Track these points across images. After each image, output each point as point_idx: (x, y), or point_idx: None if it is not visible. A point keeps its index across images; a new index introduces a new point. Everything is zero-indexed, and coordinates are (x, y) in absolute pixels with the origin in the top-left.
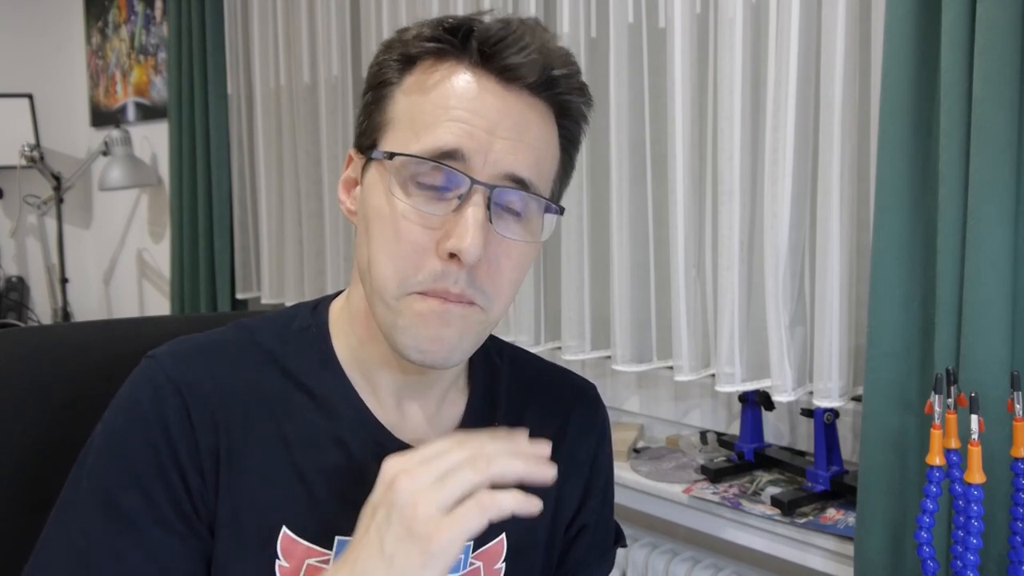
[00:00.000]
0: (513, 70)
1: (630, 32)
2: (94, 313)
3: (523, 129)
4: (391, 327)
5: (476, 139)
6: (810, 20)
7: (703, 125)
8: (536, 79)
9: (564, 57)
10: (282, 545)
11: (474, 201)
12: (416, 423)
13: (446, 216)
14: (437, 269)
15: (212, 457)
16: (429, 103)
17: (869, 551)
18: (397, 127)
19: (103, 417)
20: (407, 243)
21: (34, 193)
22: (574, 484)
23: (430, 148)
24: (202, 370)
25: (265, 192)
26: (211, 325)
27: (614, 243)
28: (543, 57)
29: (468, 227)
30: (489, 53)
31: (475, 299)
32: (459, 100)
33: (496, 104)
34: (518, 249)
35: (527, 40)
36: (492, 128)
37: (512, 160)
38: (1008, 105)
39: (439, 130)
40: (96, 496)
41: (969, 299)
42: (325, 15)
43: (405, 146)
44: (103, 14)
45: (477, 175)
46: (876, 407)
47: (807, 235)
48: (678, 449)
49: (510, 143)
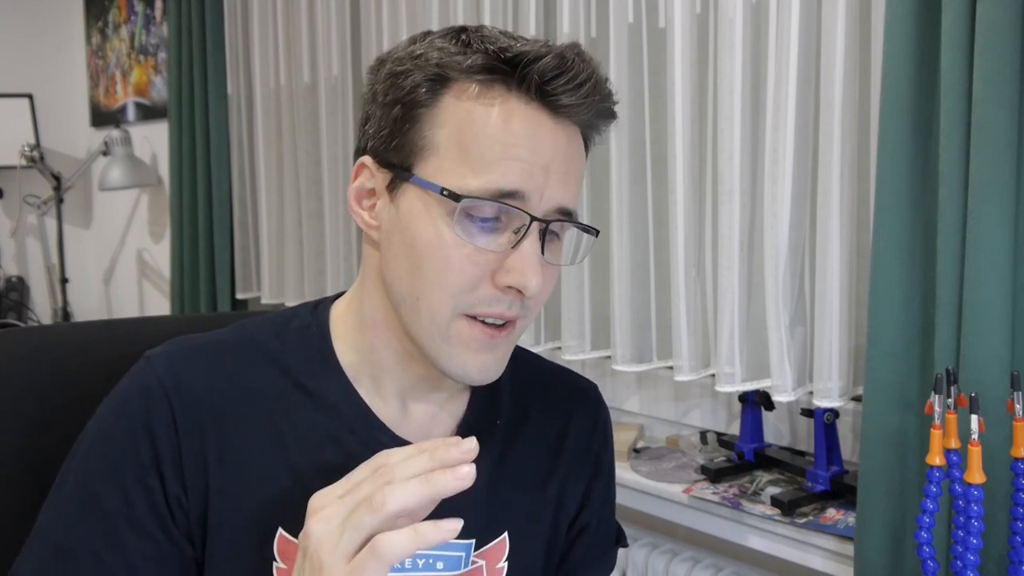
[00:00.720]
0: (567, 108)
1: (630, 32)
2: (94, 313)
3: (570, 162)
4: (438, 350)
5: (534, 178)
6: (810, 20)
7: (703, 125)
8: (588, 117)
9: (608, 88)
10: (279, 547)
11: (532, 237)
12: (418, 421)
13: (503, 251)
14: (491, 295)
15: (198, 463)
16: (485, 137)
17: (869, 551)
18: (444, 156)
19: (96, 412)
20: (462, 275)
21: (34, 193)
22: (576, 484)
23: (492, 188)
24: (196, 372)
25: (265, 192)
26: (211, 325)
27: (614, 243)
28: (598, 95)
29: (530, 264)
30: (546, 89)
31: (524, 317)
32: (517, 137)
33: (551, 141)
34: (555, 271)
35: (583, 77)
36: (547, 165)
37: (563, 195)
38: (1008, 105)
39: (500, 168)
40: (80, 492)
41: (969, 299)
42: (325, 15)
43: (461, 181)
44: (103, 14)
45: (535, 212)
46: (876, 407)
47: (807, 235)
48: (678, 449)
49: (561, 177)
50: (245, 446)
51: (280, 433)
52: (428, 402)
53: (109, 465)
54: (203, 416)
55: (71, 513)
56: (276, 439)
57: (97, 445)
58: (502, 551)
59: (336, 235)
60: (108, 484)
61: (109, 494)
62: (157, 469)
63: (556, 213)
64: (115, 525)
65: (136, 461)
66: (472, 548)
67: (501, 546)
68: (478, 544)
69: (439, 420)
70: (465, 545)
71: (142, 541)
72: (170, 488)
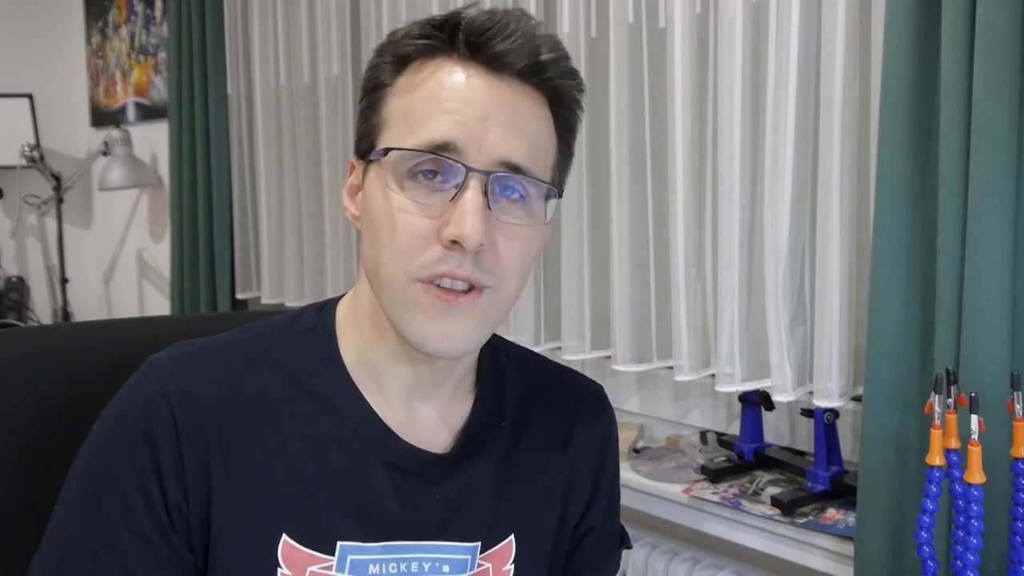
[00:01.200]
0: (501, 58)
1: (630, 32)
2: (94, 313)
3: (515, 116)
4: (398, 319)
5: (469, 129)
6: (810, 20)
7: (703, 125)
8: (524, 65)
9: (551, 43)
10: (283, 553)
11: (471, 187)
12: (425, 423)
13: (444, 205)
14: (439, 253)
15: (201, 470)
16: (420, 98)
17: (869, 551)
18: (391, 126)
19: (100, 415)
20: (408, 234)
21: (34, 193)
22: (582, 485)
23: (424, 141)
24: (199, 377)
25: (265, 192)
26: (211, 325)
27: (614, 243)
28: (530, 44)
29: (467, 212)
30: (476, 44)
31: (483, 281)
32: (450, 92)
33: (487, 93)
34: (522, 233)
35: (513, 28)
36: (484, 117)
37: (506, 147)
38: (1008, 105)
39: (432, 122)
40: (82, 496)
41: (969, 299)
42: (325, 15)
43: (400, 142)
44: (103, 14)
45: (472, 164)
46: (876, 407)
47: (807, 235)
48: (678, 449)
49: (503, 130)
50: (248, 451)
51: (284, 437)
52: (432, 403)
53: (110, 470)
54: (206, 421)
55: (74, 516)
56: (280, 443)
57: (99, 449)
58: (508, 553)
59: (336, 235)
60: (108, 489)
61: (109, 499)
62: (157, 476)
63: (501, 167)
64: (115, 529)
65: (136, 467)
66: (478, 550)
67: (507, 548)
68: (484, 546)
69: (444, 422)
70: (471, 548)
71: (141, 546)
72: (170, 495)
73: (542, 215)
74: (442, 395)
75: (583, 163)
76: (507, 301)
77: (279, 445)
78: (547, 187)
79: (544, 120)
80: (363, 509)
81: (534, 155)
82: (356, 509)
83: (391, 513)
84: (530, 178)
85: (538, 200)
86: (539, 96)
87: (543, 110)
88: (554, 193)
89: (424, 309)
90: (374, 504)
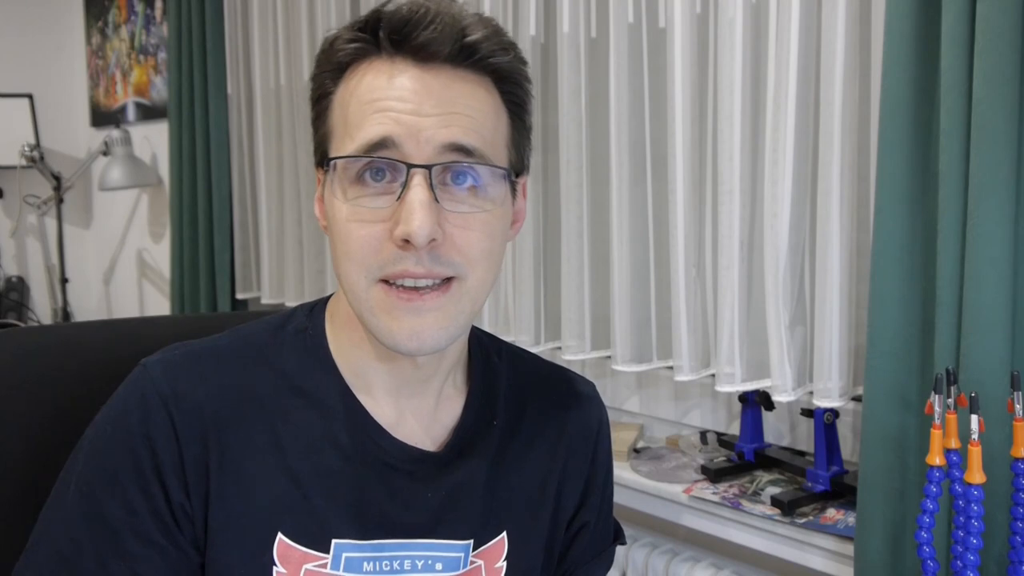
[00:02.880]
0: (426, 48)
1: (630, 32)
2: (94, 313)
3: (451, 102)
4: (368, 323)
5: (402, 124)
6: (810, 20)
7: (703, 125)
8: (451, 50)
9: (479, 22)
10: (278, 551)
11: (415, 183)
12: (415, 421)
13: (393, 206)
14: (394, 254)
15: (200, 469)
16: (355, 103)
17: (869, 551)
18: (335, 135)
19: (94, 420)
20: (361, 239)
21: (34, 193)
22: (574, 482)
23: (362, 144)
24: (194, 379)
25: (265, 192)
26: (211, 325)
27: (614, 243)
28: (454, 27)
29: (413, 209)
30: (399, 38)
31: (445, 272)
32: (380, 91)
33: (414, 86)
34: (477, 219)
35: (433, 15)
36: (417, 109)
37: (446, 133)
38: (1008, 105)
39: (366, 124)
40: (83, 502)
41: (969, 299)
42: (325, 15)
43: (342, 150)
44: (103, 14)
45: (413, 158)
46: (876, 407)
47: (807, 235)
48: (678, 449)
49: (439, 118)
50: (243, 451)
51: (278, 437)
52: (421, 401)
53: (110, 475)
54: (203, 422)
55: (74, 522)
56: (274, 443)
57: (97, 454)
58: (500, 551)
59: None
60: (110, 494)
61: (112, 504)
62: (159, 478)
63: (445, 153)
64: (119, 534)
65: (137, 471)
66: (471, 548)
67: (499, 546)
68: (476, 544)
69: (435, 420)
70: (464, 546)
71: (147, 549)
72: (174, 496)
73: (502, 197)
74: (430, 392)
75: (583, 163)
76: (479, 289)
77: (273, 445)
78: (502, 170)
79: (487, 100)
80: (357, 507)
81: (480, 136)
82: (350, 507)
83: (384, 511)
84: (477, 163)
85: (496, 183)
86: (478, 77)
87: (484, 90)
88: (510, 173)
89: (387, 311)
90: (368, 502)
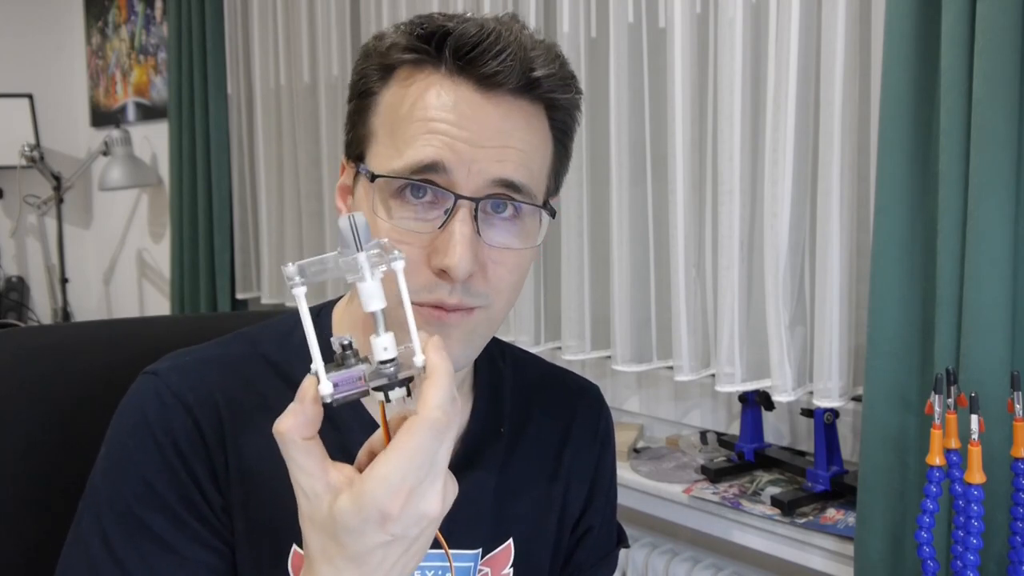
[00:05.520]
0: (492, 77)
1: (630, 32)
2: (94, 313)
3: (507, 135)
4: None
5: (457, 152)
6: (810, 20)
7: (703, 125)
8: (516, 84)
9: (545, 54)
10: (293, 564)
11: (460, 217)
12: None
13: (434, 232)
14: (430, 281)
15: (225, 476)
16: (407, 116)
17: (869, 551)
18: (379, 140)
19: (107, 438)
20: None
21: (34, 193)
22: (579, 485)
23: (411, 164)
24: (209, 385)
25: (265, 192)
26: (211, 325)
27: (614, 243)
28: (522, 60)
29: (455, 244)
30: (466, 60)
31: (474, 303)
32: (437, 111)
33: (475, 114)
34: (512, 256)
35: (503, 44)
36: (473, 139)
37: (498, 168)
38: (1008, 105)
39: (419, 143)
40: (125, 524)
41: (969, 299)
42: (325, 15)
43: (387, 163)
44: (103, 14)
45: (461, 188)
46: (876, 407)
47: (807, 235)
48: (678, 449)
49: (494, 151)
50: (258, 461)
51: None
52: None
53: (145, 488)
54: (223, 429)
55: (123, 549)
56: None
57: (124, 470)
58: (507, 557)
59: (336, 235)
60: (151, 507)
61: (158, 520)
62: (196, 483)
63: (493, 187)
64: (175, 547)
65: (174, 479)
66: (480, 557)
67: (507, 552)
68: (484, 552)
69: None
70: (472, 555)
71: (205, 552)
72: (212, 499)
73: (535, 231)
74: None
75: (583, 163)
76: (499, 316)
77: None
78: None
79: (539, 131)
80: None
81: (528, 170)
82: None
83: None
84: (520, 202)
85: (532, 216)
86: (534, 106)
87: (538, 120)
88: (548, 212)
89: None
90: None
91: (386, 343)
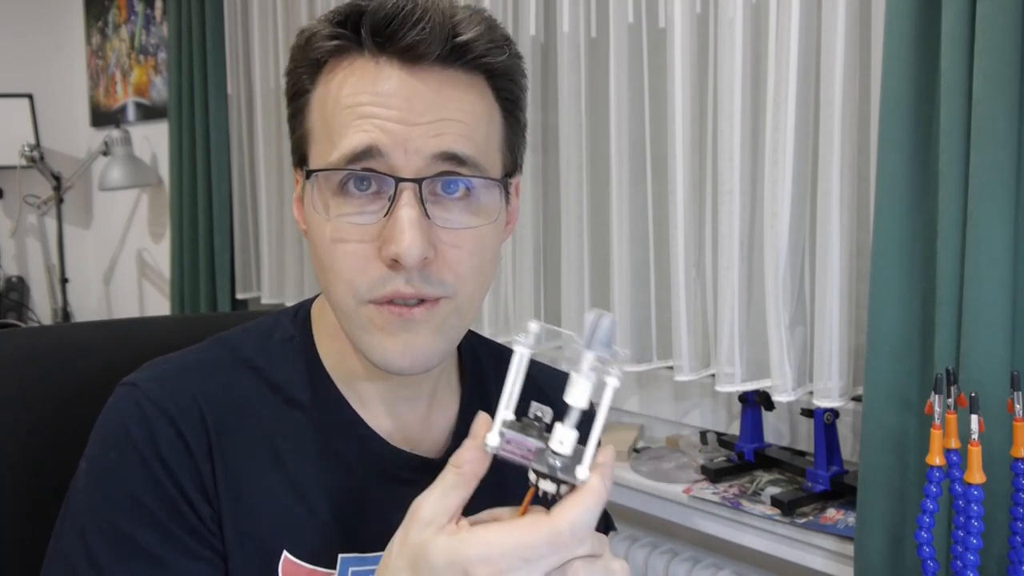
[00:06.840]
0: (414, 48)
1: (630, 32)
2: (94, 313)
3: (441, 107)
4: (358, 341)
5: (390, 132)
6: (810, 20)
7: (703, 125)
8: (441, 50)
9: (472, 18)
10: (284, 570)
11: (404, 200)
12: (411, 428)
13: (380, 221)
14: (383, 274)
15: (212, 485)
16: (337, 106)
17: (869, 551)
18: (315, 138)
19: (88, 454)
20: (347, 258)
21: (34, 193)
22: None
23: (346, 154)
24: (193, 392)
25: (265, 192)
26: (211, 325)
27: (614, 243)
28: (442, 26)
29: (402, 228)
30: (384, 36)
31: (435, 293)
32: (363, 96)
33: (402, 90)
34: (470, 236)
35: (421, 11)
36: (405, 117)
37: (436, 142)
38: (1008, 105)
39: (350, 131)
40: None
41: (969, 299)
42: None
43: (324, 158)
44: (103, 14)
45: (402, 171)
46: (876, 407)
47: (807, 235)
48: (678, 449)
49: (429, 126)
50: (245, 468)
51: (277, 452)
52: (415, 408)
53: (132, 503)
54: (208, 438)
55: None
56: (274, 459)
57: (107, 486)
58: None
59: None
60: (139, 522)
61: (145, 532)
62: (184, 495)
63: (436, 162)
64: (161, 560)
65: (160, 493)
66: None
67: None
68: None
69: (432, 426)
70: None
71: (198, 564)
72: (202, 509)
73: (495, 205)
74: (422, 399)
75: (583, 163)
76: (469, 305)
77: (273, 461)
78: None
79: (480, 102)
80: (361, 520)
81: (474, 141)
82: (354, 520)
83: (388, 522)
84: (471, 175)
85: (489, 190)
86: (470, 77)
87: (477, 90)
88: (504, 182)
89: (381, 328)
90: (371, 514)
91: (565, 437)
